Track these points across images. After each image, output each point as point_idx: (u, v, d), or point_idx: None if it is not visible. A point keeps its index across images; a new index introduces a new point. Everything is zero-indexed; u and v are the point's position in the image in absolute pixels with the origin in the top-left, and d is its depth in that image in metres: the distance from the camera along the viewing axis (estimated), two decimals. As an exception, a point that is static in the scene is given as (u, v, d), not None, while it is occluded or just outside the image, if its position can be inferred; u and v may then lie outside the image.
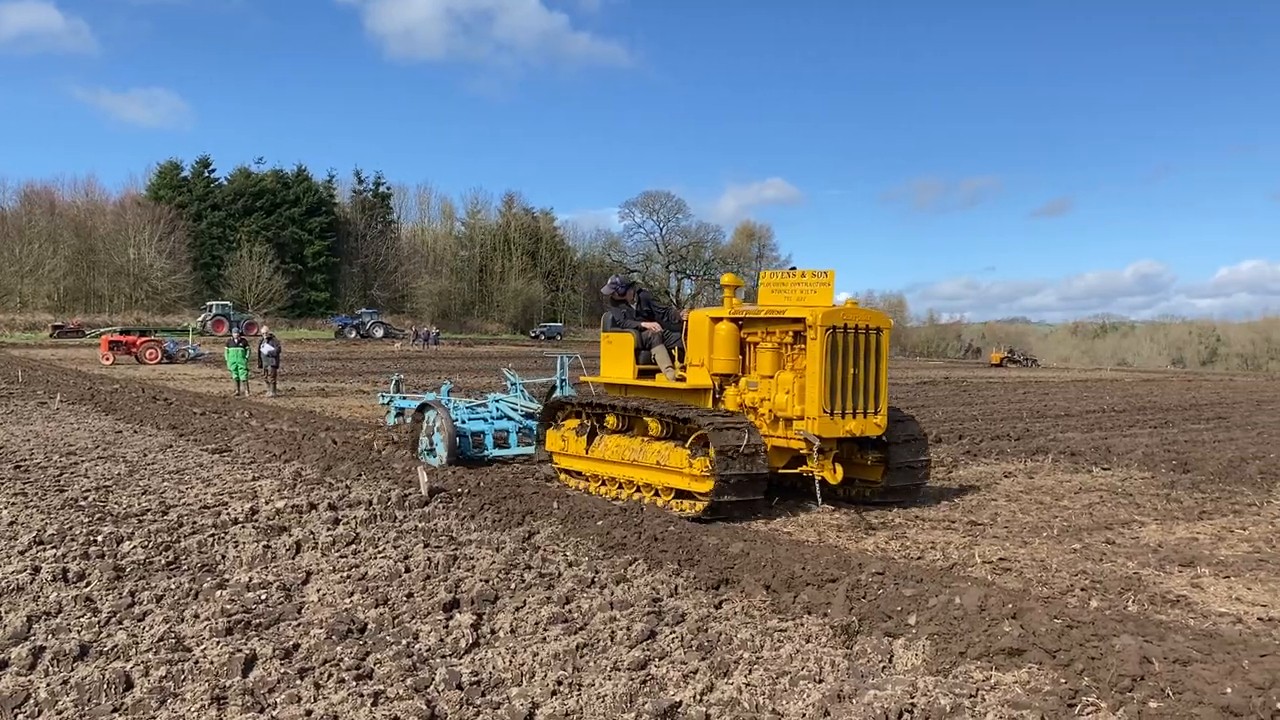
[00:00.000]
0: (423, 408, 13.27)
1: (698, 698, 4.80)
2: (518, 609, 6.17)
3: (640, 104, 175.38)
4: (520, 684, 4.96)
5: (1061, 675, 5.01)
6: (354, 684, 4.86)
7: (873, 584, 6.36)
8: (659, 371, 10.95)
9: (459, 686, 4.84)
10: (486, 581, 6.73)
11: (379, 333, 75.35)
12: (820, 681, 5.03)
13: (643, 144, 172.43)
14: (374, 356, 51.71)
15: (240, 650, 5.22)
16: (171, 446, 13.65)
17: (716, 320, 10.29)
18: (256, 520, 8.55)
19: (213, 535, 7.97)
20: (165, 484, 10.54)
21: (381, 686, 4.83)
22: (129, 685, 4.79)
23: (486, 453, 13.04)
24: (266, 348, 25.54)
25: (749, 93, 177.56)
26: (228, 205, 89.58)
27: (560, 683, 4.94)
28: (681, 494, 9.67)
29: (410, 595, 6.43)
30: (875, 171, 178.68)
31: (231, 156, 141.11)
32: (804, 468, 9.65)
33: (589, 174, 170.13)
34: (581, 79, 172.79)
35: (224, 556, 7.41)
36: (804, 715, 4.62)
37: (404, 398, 15.29)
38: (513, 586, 6.67)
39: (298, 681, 4.89)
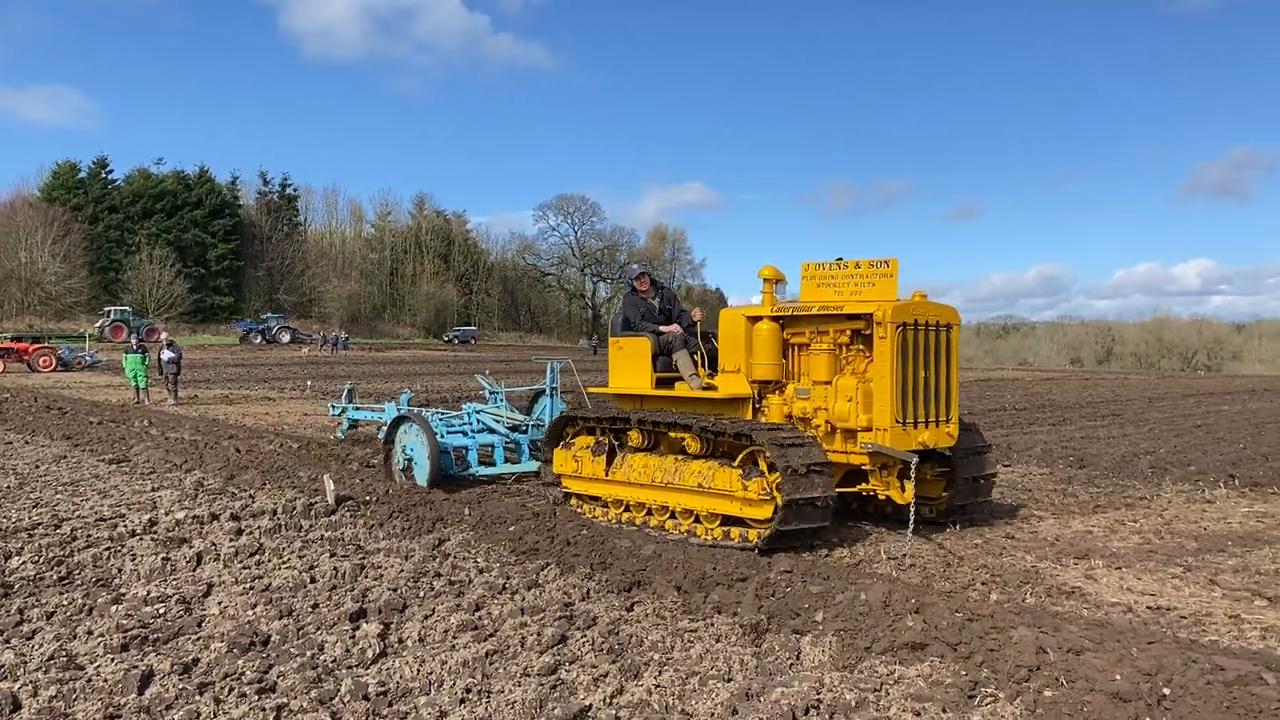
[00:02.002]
0: (398, 420, 11.73)
1: (607, 701, 4.80)
2: (426, 617, 6.10)
3: (562, 106, 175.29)
4: (428, 693, 4.90)
5: (962, 667, 5.14)
6: (256, 698, 4.75)
7: (781, 582, 6.46)
8: (680, 380, 9.66)
9: (365, 697, 4.76)
10: (394, 590, 6.64)
11: (285, 338, 73.62)
12: (729, 680, 5.08)
13: (563, 147, 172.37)
14: (280, 362, 50.54)
15: (136, 667, 5.06)
16: (66, 457, 13.15)
17: (755, 319, 9.05)
18: (155, 532, 8.29)
19: (109, 548, 7.70)
20: (58, 496, 10.14)
21: (285, 699, 4.72)
22: (16, 706, 4.61)
23: (472, 471, 11.69)
24: (167, 354, 24.83)
25: (671, 96, 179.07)
26: (126, 207, 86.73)
27: (469, 690, 4.89)
28: (730, 520, 8.48)
29: (316, 606, 6.30)
30: (790, 175, 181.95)
31: (140, 157, 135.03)
32: (864, 486, 8.65)
33: (507, 177, 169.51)
34: (503, 80, 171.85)
35: (120, 570, 7.16)
36: (713, 714, 4.66)
37: (358, 408, 14.69)
38: (422, 595, 6.58)
39: (197, 697, 4.76)
